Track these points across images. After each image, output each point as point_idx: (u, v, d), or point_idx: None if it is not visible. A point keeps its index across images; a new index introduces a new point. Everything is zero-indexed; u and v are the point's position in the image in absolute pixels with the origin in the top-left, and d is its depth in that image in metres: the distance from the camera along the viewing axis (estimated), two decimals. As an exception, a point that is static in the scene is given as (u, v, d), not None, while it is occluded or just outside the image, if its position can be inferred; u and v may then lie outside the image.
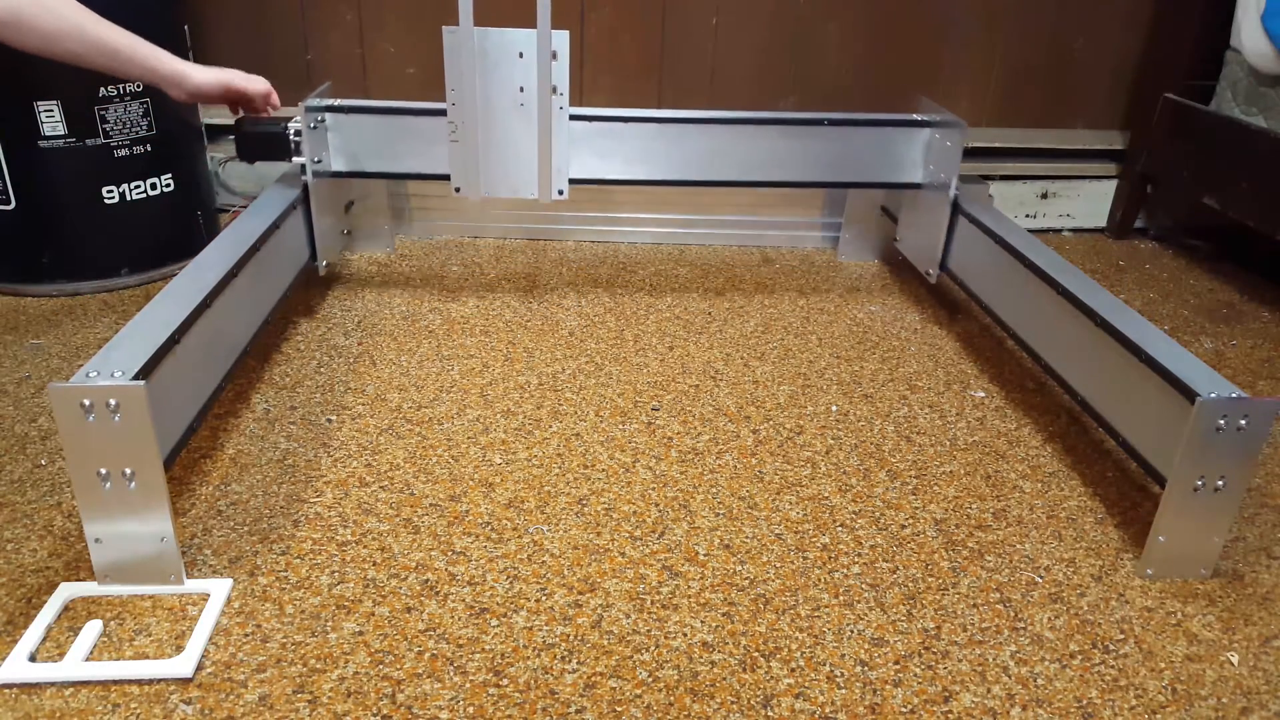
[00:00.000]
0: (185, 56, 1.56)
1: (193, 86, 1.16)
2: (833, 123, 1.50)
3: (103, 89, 1.39)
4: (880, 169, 1.54)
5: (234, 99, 1.25)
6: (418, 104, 1.43)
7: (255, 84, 1.25)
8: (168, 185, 1.51)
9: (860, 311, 1.56)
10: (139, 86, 1.43)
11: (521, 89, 1.33)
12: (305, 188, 1.37)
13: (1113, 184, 2.00)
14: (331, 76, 1.81)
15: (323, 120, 1.41)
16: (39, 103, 1.35)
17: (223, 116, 1.79)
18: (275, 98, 1.30)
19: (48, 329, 1.37)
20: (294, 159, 1.35)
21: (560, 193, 1.41)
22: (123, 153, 1.44)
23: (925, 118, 1.51)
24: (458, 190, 1.39)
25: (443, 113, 1.36)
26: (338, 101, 1.43)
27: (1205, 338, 1.55)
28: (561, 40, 1.29)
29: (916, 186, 1.56)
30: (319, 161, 1.39)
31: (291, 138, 1.33)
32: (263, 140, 1.35)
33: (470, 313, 1.49)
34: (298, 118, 1.33)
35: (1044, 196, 1.97)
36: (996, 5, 1.86)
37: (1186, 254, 1.92)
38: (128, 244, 1.50)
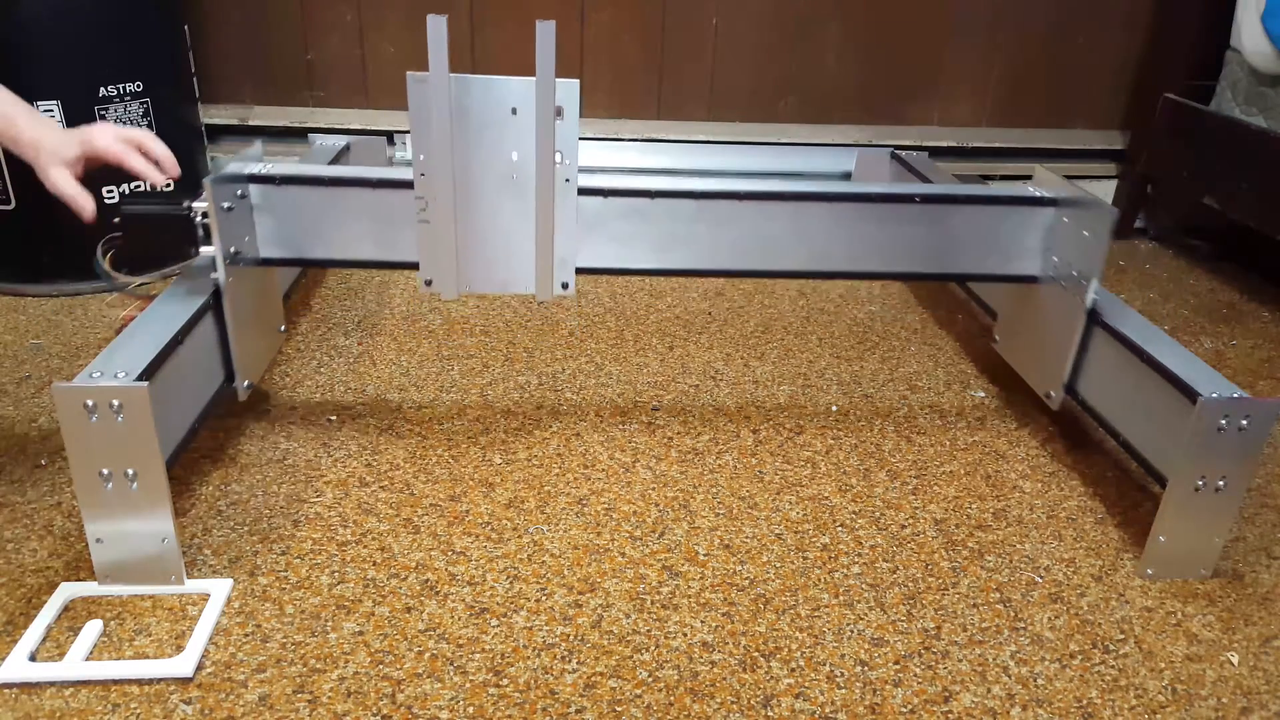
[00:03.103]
0: (185, 56, 1.57)
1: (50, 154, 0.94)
2: (925, 199, 1.15)
3: (103, 89, 1.39)
4: (980, 257, 1.20)
5: (99, 165, 0.97)
6: (375, 171, 1.12)
7: (132, 150, 0.99)
8: (168, 185, 1.50)
9: (860, 311, 1.56)
10: (139, 86, 1.43)
11: (514, 156, 1.02)
12: (216, 289, 1.03)
13: (1113, 184, 2.00)
14: (332, 76, 1.81)
15: (244, 195, 1.07)
16: (39, 103, 1.34)
17: (223, 116, 1.80)
18: (168, 165, 1.03)
19: (48, 329, 1.37)
20: (201, 249, 1.04)
21: (565, 286, 1.10)
22: (123, 152, 1.44)
23: (1048, 193, 1.17)
24: (428, 284, 1.07)
25: (410, 184, 1.02)
26: (266, 169, 1.08)
27: (1205, 338, 1.55)
28: (569, 92, 0.98)
29: (1030, 280, 1.21)
30: (235, 253, 1.04)
31: (198, 221, 1.02)
32: (155, 224, 1.05)
33: (470, 313, 1.49)
34: (204, 196, 1.00)
35: (1044, 196, 1.98)
36: (996, 5, 1.86)
37: (1186, 254, 1.92)
38: (128, 244, 1.50)
